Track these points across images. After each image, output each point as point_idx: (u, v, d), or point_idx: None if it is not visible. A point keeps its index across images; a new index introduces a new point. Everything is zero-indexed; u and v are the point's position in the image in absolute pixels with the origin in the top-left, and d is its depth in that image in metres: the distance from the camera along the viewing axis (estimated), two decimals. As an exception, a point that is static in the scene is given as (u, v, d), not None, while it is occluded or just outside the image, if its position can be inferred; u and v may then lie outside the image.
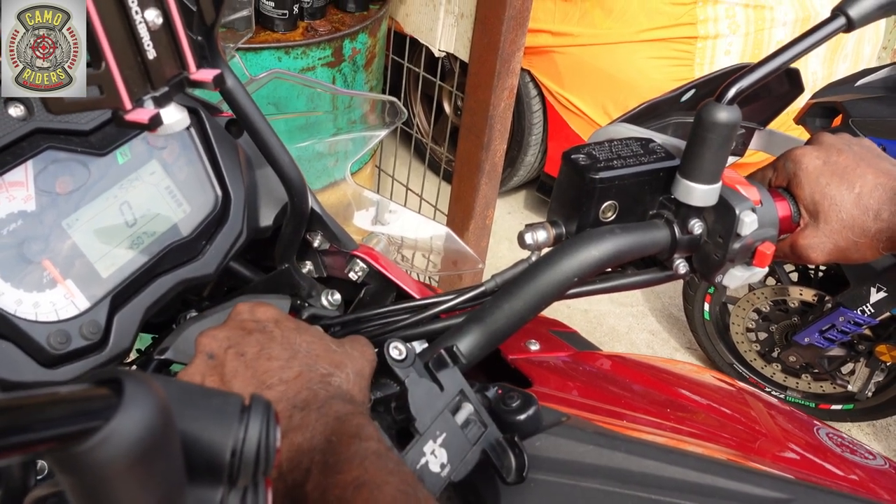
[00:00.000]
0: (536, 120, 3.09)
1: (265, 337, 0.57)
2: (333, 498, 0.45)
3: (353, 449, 0.48)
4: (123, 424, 0.29)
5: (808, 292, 2.30)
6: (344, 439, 0.48)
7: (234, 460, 0.37)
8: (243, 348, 0.56)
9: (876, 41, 3.20)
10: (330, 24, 2.07)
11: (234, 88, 0.67)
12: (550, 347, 0.87)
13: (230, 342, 0.57)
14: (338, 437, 0.49)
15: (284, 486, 0.48)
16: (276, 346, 0.57)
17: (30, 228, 0.63)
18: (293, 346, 0.57)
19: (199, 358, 0.56)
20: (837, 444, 0.85)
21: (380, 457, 0.47)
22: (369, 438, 0.49)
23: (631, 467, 0.64)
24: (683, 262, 0.74)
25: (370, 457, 0.47)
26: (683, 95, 0.81)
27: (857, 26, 0.67)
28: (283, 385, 0.54)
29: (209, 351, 0.56)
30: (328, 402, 0.52)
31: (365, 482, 0.45)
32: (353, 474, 0.46)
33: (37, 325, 0.61)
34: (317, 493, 0.46)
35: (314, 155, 1.13)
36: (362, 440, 0.48)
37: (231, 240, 0.75)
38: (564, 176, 0.71)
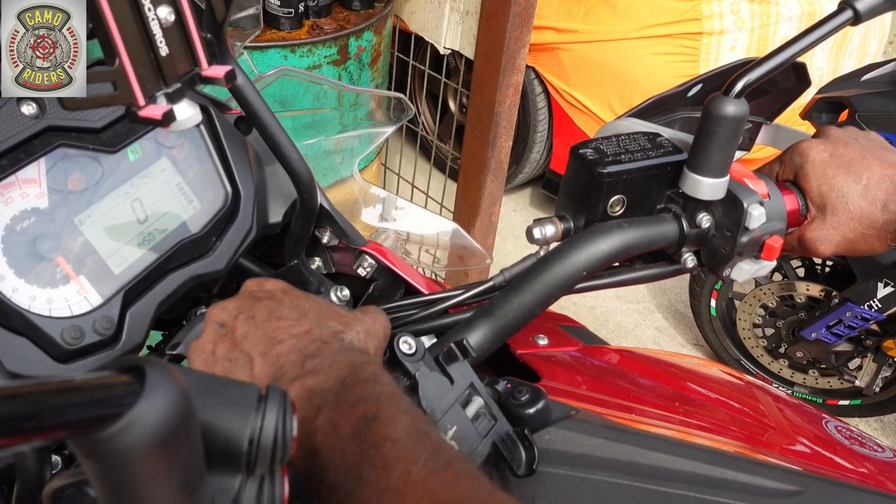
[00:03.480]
0: (542, 117, 3.08)
1: (274, 302, 0.58)
2: (346, 432, 0.44)
3: (368, 390, 0.47)
4: (146, 411, 0.29)
5: (815, 288, 2.29)
6: (359, 382, 0.48)
7: (251, 449, 0.37)
8: (253, 313, 0.56)
9: (882, 35, 3.19)
10: (335, 23, 2.08)
11: (244, 85, 0.68)
12: (559, 342, 0.87)
13: (240, 310, 0.57)
14: (352, 380, 0.48)
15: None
16: (286, 308, 0.57)
17: (42, 225, 0.64)
18: (302, 308, 0.58)
19: (209, 328, 0.56)
20: (846, 437, 0.85)
21: (394, 398, 0.47)
22: (384, 384, 0.49)
23: (640, 460, 0.64)
24: (691, 255, 0.74)
25: (384, 397, 0.47)
26: (691, 90, 0.81)
27: (864, 19, 0.67)
28: (294, 339, 0.54)
29: (219, 320, 0.57)
30: (341, 352, 0.53)
31: (378, 416, 0.44)
32: (367, 410, 0.45)
33: (51, 320, 0.62)
34: (328, 427, 0.45)
35: (321, 152, 1.14)
36: (377, 383, 0.48)
37: (241, 236, 0.76)
38: (572, 170, 0.71)
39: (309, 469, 0.45)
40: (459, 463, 0.42)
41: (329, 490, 0.43)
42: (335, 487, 0.42)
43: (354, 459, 0.43)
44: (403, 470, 0.40)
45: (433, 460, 0.41)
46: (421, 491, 0.39)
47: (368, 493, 0.40)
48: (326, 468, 0.44)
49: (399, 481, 0.40)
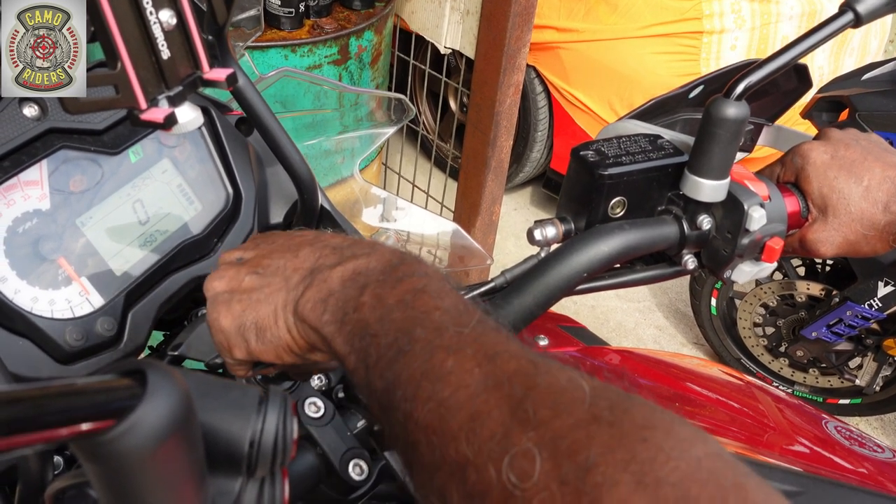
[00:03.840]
0: (542, 116, 3.09)
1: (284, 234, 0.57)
2: (392, 302, 0.43)
3: (413, 268, 0.47)
4: (148, 414, 0.29)
5: (816, 287, 2.29)
6: (404, 263, 0.47)
7: (252, 451, 0.38)
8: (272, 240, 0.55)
9: (882, 35, 3.19)
10: (336, 22, 2.08)
11: (245, 87, 0.68)
12: (559, 342, 0.87)
13: (255, 243, 0.56)
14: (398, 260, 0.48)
15: (336, 302, 0.47)
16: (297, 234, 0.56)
17: (44, 227, 0.64)
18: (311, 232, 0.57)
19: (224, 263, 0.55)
20: (846, 438, 0.85)
21: (439, 278, 0.46)
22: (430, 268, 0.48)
23: (640, 461, 0.65)
24: (692, 257, 0.74)
25: (431, 274, 0.46)
26: (692, 92, 0.82)
27: (865, 21, 0.67)
28: (323, 240, 0.53)
29: (236, 256, 0.55)
30: (377, 244, 0.52)
31: (426, 289, 0.44)
32: (414, 284, 0.44)
33: (53, 322, 0.62)
34: (374, 300, 0.44)
35: (322, 153, 1.14)
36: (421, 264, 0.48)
37: (242, 237, 0.76)
38: (573, 172, 0.71)
39: (352, 340, 0.44)
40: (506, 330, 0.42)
41: (378, 352, 0.41)
42: (386, 348, 0.41)
43: (405, 323, 0.42)
44: (456, 331, 0.40)
45: (482, 325, 0.41)
46: (474, 346, 0.39)
47: (420, 349, 0.40)
48: (375, 334, 0.42)
49: (452, 339, 0.39)
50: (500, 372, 0.37)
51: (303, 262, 0.52)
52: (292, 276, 0.51)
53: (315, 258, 0.51)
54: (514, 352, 0.38)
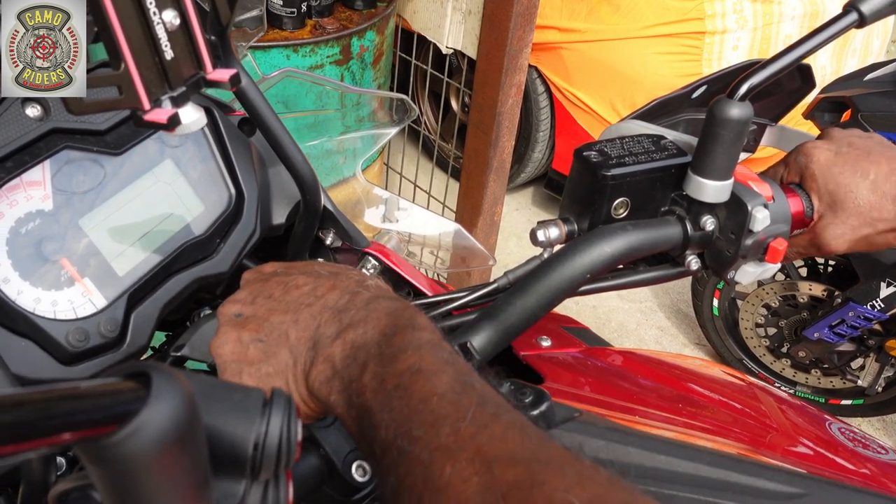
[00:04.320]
0: (544, 116, 3.08)
1: (283, 276, 0.57)
2: (391, 386, 0.44)
3: (408, 338, 0.47)
4: (152, 417, 0.29)
5: (818, 287, 2.29)
6: (398, 331, 0.48)
7: (256, 454, 0.38)
8: (268, 293, 0.55)
9: (885, 35, 3.19)
10: (338, 22, 2.08)
11: (247, 87, 0.68)
12: (562, 343, 0.87)
13: (253, 295, 0.56)
14: (392, 329, 0.48)
15: (341, 382, 0.47)
16: (298, 276, 0.56)
17: (47, 227, 0.64)
18: (313, 272, 0.57)
19: (225, 323, 0.55)
20: (849, 439, 0.85)
21: (434, 346, 0.47)
22: (423, 328, 0.48)
23: (643, 462, 0.65)
24: (695, 258, 0.74)
25: (425, 346, 0.46)
26: (695, 92, 0.81)
27: (870, 22, 0.67)
28: (322, 299, 0.53)
29: (235, 312, 0.55)
30: (373, 300, 0.52)
31: (421, 368, 0.44)
32: (410, 362, 0.45)
33: (55, 322, 0.62)
34: (374, 382, 0.45)
35: (323, 153, 1.14)
36: (416, 329, 0.48)
37: (245, 238, 0.76)
38: (576, 173, 0.71)
39: (360, 428, 0.45)
40: (506, 413, 0.41)
41: (382, 449, 0.43)
42: (388, 445, 0.42)
43: (403, 416, 0.42)
44: (453, 427, 0.40)
45: (480, 413, 0.41)
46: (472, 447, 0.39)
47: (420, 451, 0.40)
48: (377, 426, 0.43)
49: (449, 438, 0.40)
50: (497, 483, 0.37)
51: (304, 329, 0.52)
52: (297, 347, 0.52)
53: (315, 326, 0.52)
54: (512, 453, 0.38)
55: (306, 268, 0.58)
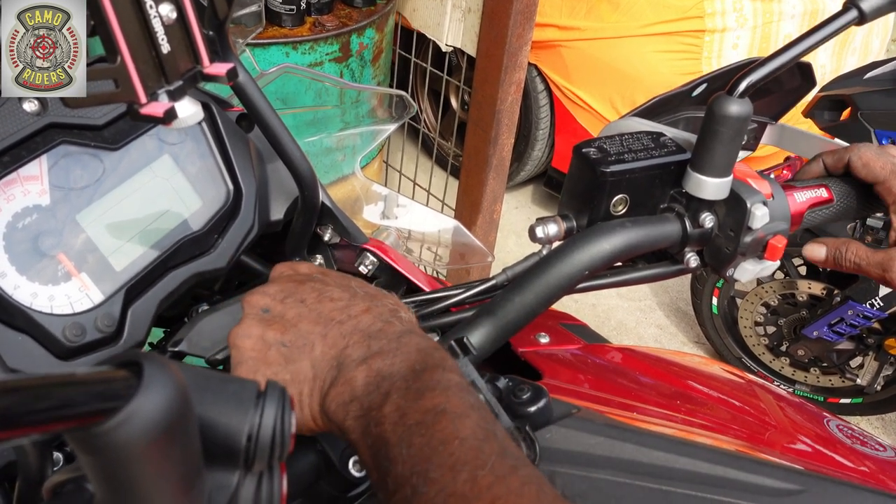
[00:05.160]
0: (544, 114, 3.08)
1: (319, 283, 0.56)
2: (413, 422, 0.43)
3: (437, 377, 0.46)
4: (143, 406, 0.29)
5: (817, 286, 2.29)
6: (428, 369, 0.47)
7: (249, 445, 0.37)
8: (301, 296, 0.55)
9: (885, 34, 3.19)
10: (337, 20, 2.07)
11: (246, 83, 0.67)
12: (560, 340, 0.87)
13: (285, 293, 0.55)
14: (421, 366, 0.47)
15: (360, 408, 0.47)
16: (334, 288, 0.55)
17: (44, 222, 0.64)
18: (350, 288, 0.56)
19: (250, 315, 0.54)
20: (848, 436, 0.85)
21: (462, 389, 0.46)
22: (452, 370, 0.48)
23: (641, 459, 0.64)
24: (694, 255, 0.74)
25: (453, 388, 0.46)
26: (695, 90, 0.81)
27: (870, 19, 0.66)
28: (354, 319, 0.52)
29: (263, 306, 0.54)
30: (405, 334, 0.51)
31: (447, 410, 0.44)
32: (437, 401, 0.44)
33: (52, 317, 0.62)
34: (396, 415, 0.44)
35: (323, 150, 1.14)
36: (446, 371, 0.47)
37: (243, 233, 0.76)
38: (575, 169, 0.71)
39: (375, 458, 0.45)
40: (524, 468, 0.41)
41: (395, 483, 0.42)
42: (402, 482, 0.42)
43: (422, 455, 0.42)
44: (471, 474, 0.40)
45: (500, 464, 0.41)
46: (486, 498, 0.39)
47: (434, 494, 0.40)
48: (394, 460, 0.43)
49: (466, 486, 0.39)
50: None
51: (331, 347, 0.51)
52: (319, 363, 0.51)
53: (342, 346, 0.51)
54: None
55: (343, 281, 0.57)
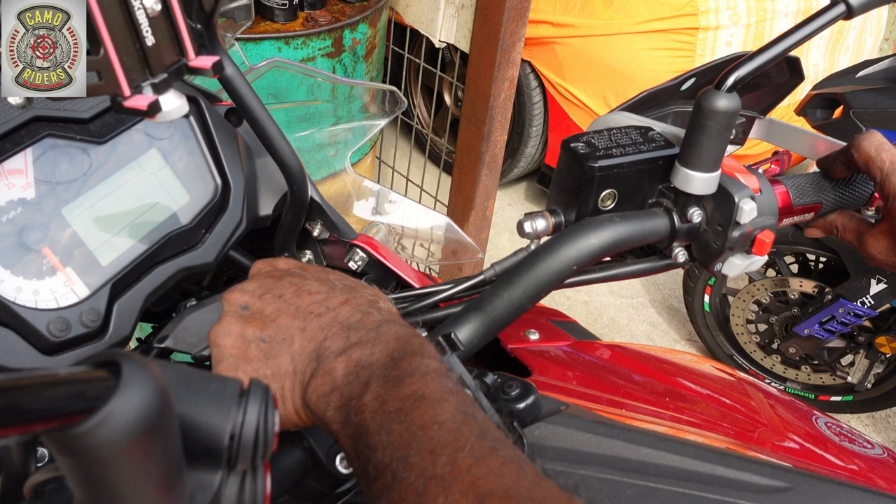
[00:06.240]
0: (537, 111, 3.08)
1: (297, 278, 0.56)
2: (392, 409, 0.44)
3: (416, 364, 0.47)
4: (121, 406, 0.29)
5: (809, 284, 2.30)
6: (406, 356, 0.47)
7: (232, 444, 0.37)
8: (280, 291, 0.55)
9: (877, 32, 3.19)
10: (330, 15, 2.07)
11: (234, 77, 0.67)
12: (550, 337, 0.87)
13: (263, 289, 0.55)
14: (399, 353, 0.48)
15: (340, 398, 0.47)
16: (312, 282, 0.56)
17: (29, 216, 0.63)
18: (328, 281, 0.56)
19: (230, 312, 0.54)
20: (836, 434, 0.85)
21: (440, 375, 0.46)
22: (431, 357, 0.48)
23: (630, 456, 0.64)
24: (683, 250, 0.74)
25: (431, 374, 0.46)
26: (683, 84, 0.81)
27: (857, 13, 0.66)
28: (332, 311, 0.53)
29: (242, 303, 0.55)
30: (384, 323, 0.52)
31: (425, 395, 0.44)
32: (415, 387, 0.44)
33: (37, 312, 0.61)
34: (375, 403, 0.45)
35: (314, 145, 1.13)
36: (424, 357, 0.47)
37: (231, 228, 0.75)
38: (563, 164, 0.71)
39: (355, 447, 0.45)
40: (504, 448, 0.41)
41: (376, 471, 0.42)
42: (382, 469, 0.42)
43: (401, 440, 0.42)
44: (450, 457, 0.40)
45: (479, 445, 0.41)
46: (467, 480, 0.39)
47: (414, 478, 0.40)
48: (374, 447, 0.43)
49: (445, 468, 0.39)
50: None
51: (310, 340, 0.52)
52: (299, 357, 0.51)
53: (322, 338, 0.51)
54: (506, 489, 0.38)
55: (321, 275, 0.57)
